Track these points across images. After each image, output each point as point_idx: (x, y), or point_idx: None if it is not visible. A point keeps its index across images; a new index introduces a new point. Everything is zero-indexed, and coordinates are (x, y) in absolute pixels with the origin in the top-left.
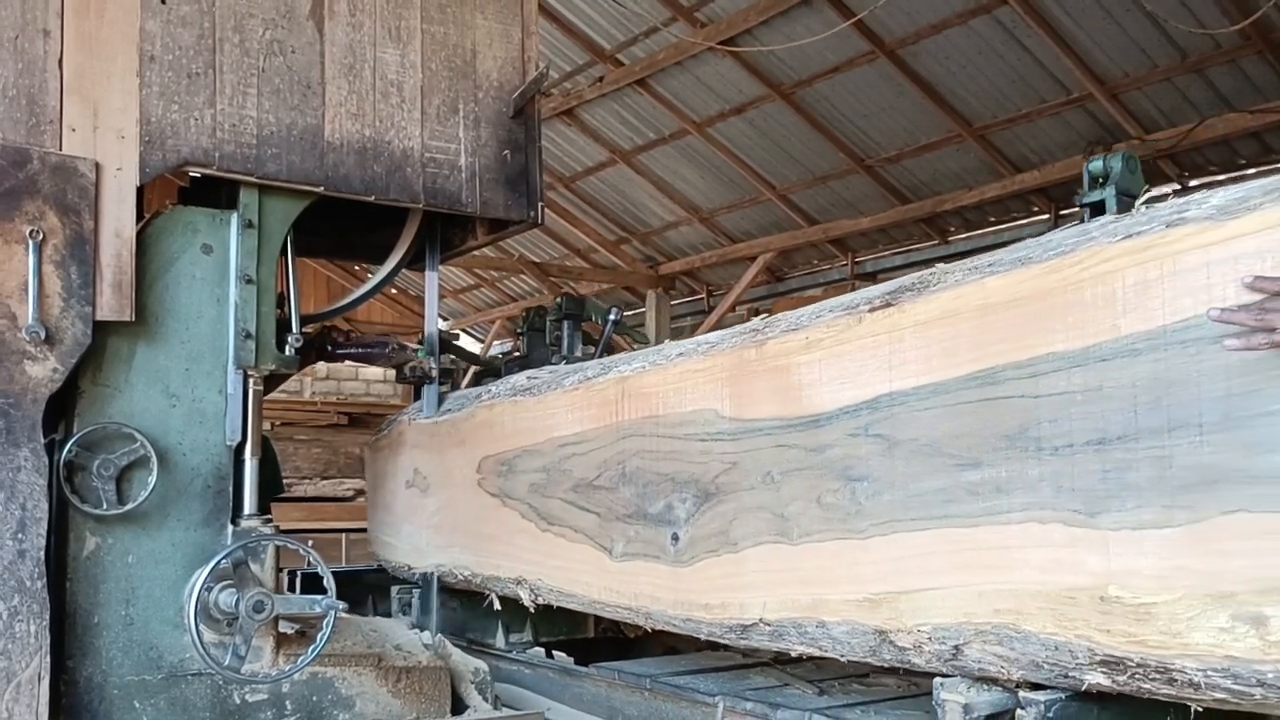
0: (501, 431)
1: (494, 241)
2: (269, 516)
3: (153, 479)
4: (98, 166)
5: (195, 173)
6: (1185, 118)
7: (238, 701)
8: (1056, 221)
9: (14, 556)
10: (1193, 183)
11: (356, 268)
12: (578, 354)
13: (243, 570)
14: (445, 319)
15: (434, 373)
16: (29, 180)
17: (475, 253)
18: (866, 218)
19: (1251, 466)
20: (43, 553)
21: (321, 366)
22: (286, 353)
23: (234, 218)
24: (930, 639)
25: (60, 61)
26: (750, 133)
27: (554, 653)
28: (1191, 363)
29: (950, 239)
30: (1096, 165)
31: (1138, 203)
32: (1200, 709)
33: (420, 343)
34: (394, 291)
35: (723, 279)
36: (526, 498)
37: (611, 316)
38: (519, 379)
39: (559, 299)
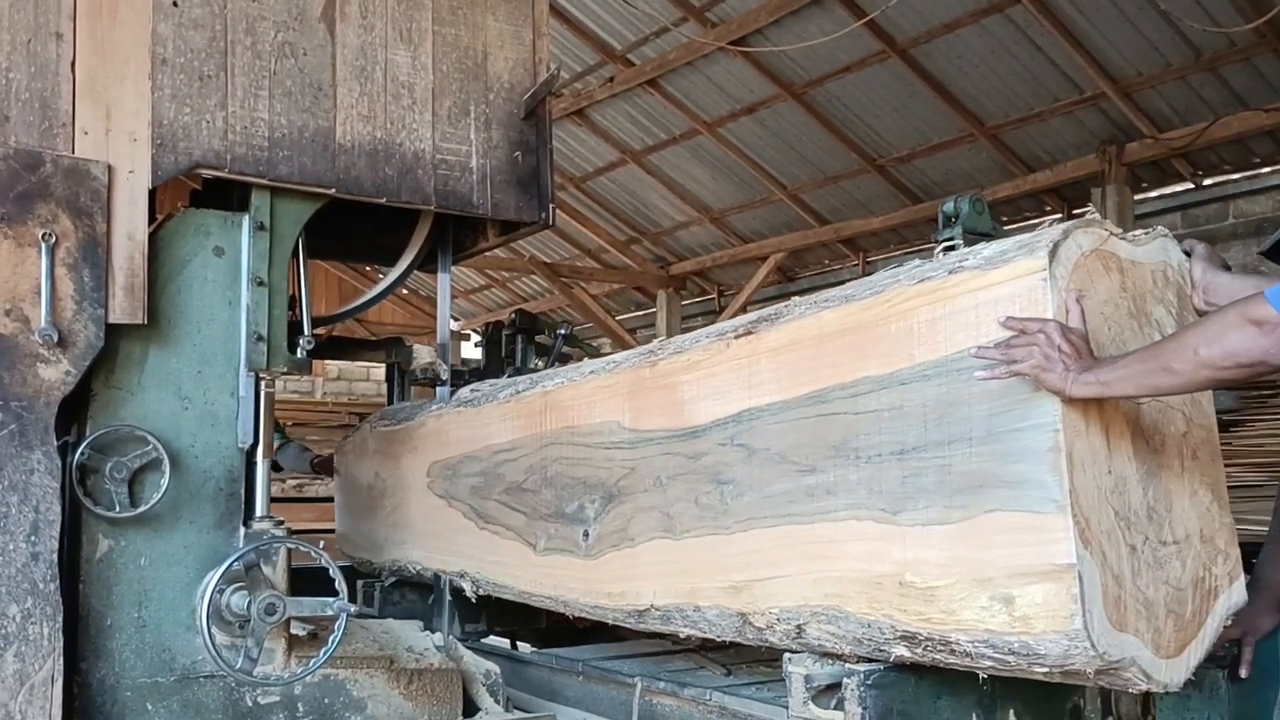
0: (447, 439)
1: (505, 243)
2: (280, 519)
3: (165, 481)
4: (110, 169)
5: (207, 174)
6: (1199, 116)
7: (250, 704)
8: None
9: (27, 559)
10: (1206, 181)
11: (368, 269)
12: (531, 366)
13: (255, 572)
14: (456, 319)
15: (444, 374)
16: (42, 183)
17: (486, 254)
18: (878, 217)
19: (1004, 473)
20: (56, 555)
21: (334, 368)
22: (298, 355)
23: (246, 220)
24: (779, 620)
25: (73, 65)
26: (761, 132)
27: (517, 643)
28: (965, 387)
29: None
30: (949, 207)
31: (937, 250)
32: (986, 675)
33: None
34: (405, 292)
35: (734, 279)
36: (468, 499)
37: (561, 331)
38: (464, 391)
39: (513, 314)
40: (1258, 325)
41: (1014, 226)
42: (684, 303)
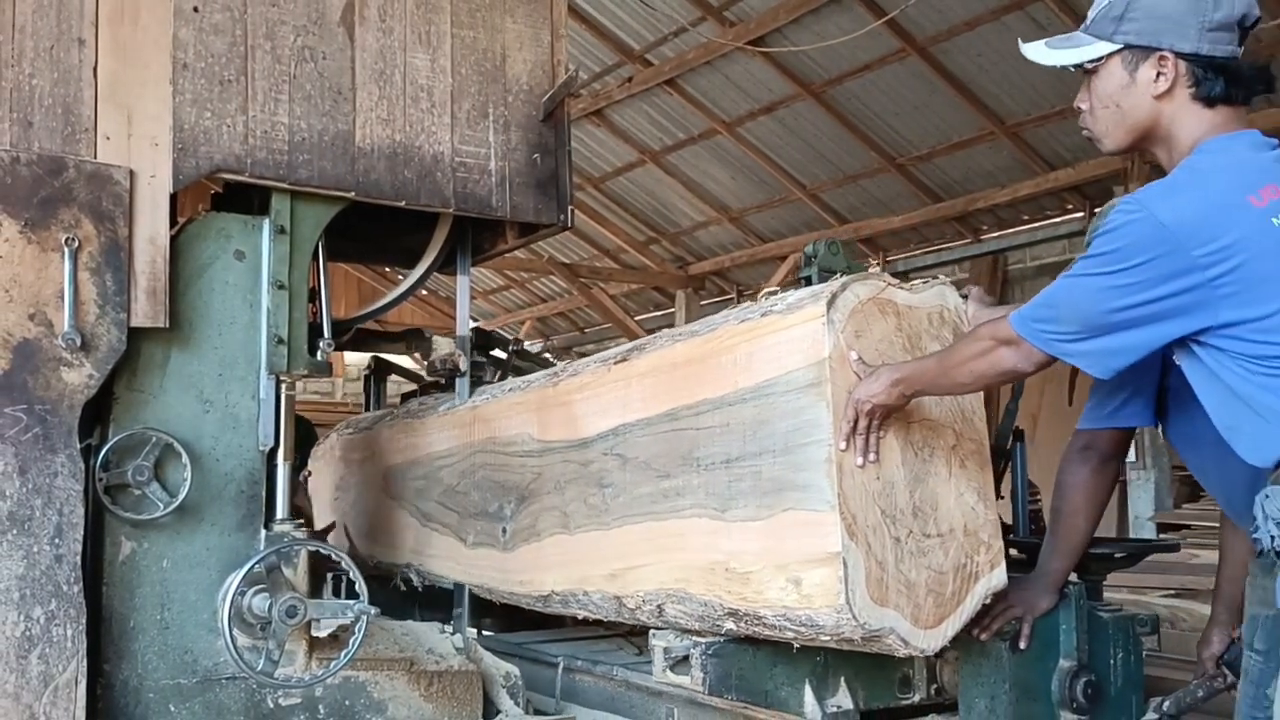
0: (398, 446)
1: (524, 245)
2: (301, 521)
3: (187, 484)
4: (132, 174)
5: (228, 179)
6: None
7: (271, 705)
8: (1090, 220)
9: (51, 561)
10: None
11: (387, 270)
12: (485, 379)
13: (276, 575)
14: (475, 320)
15: (464, 365)
16: (65, 188)
17: (505, 255)
18: (898, 217)
19: (796, 479)
20: (79, 557)
21: (354, 369)
22: (318, 357)
23: (266, 223)
24: (645, 602)
25: (95, 70)
26: (780, 132)
27: (483, 631)
28: (771, 409)
29: (983, 237)
30: (809, 249)
31: (761, 294)
32: (798, 645)
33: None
34: (424, 293)
35: (752, 279)
36: (413, 500)
37: (512, 348)
38: (413, 404)
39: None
40: (1008, 344)
41: (1036, 225)
42: (703, 303)
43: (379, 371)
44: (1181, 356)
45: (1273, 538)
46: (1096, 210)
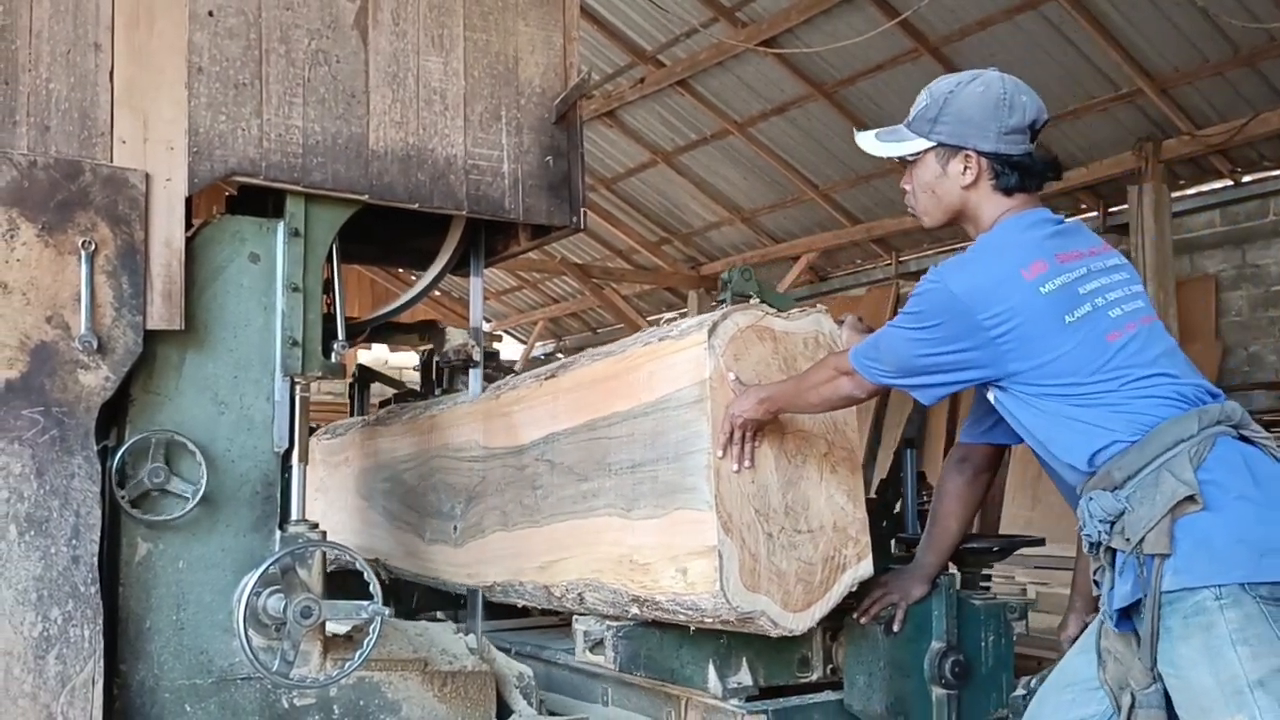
0: (367, 451)
1: (536, 247)
2: (316, 522)
3: (202, 485)
4: (148, 178)
5: (242, 182)
6: (1238, 112)
7: (286, 705)
8: (1105, 219)
9: (68, 562)
10: (1245, 178)
11: (400, 271)
12: (458, 387)
13: (290, 576)
14: (488, 320)
15: (477, 355)
16: (81, 192)
17: (518, 256)
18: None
19: (685, 482)
20: (96, 558)
21: None
22: (332, 359)
23: (280, 226)
24: (568, 591)
25: (111, 75)
26: (792, 132)
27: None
28: (666, 421)
29: None
30: (725, 275)
31: (661, 319)
32: (693, 628)
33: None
34: (437, 294)
35: (765, 279)
36: (382, 500)
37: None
38: (383, 412)
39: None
40: (847, 374)
41: None
42: (715, 303)
43: (363, 380)
44: (994, 397)
45: (1099, 532)
46: (1110, 209)
